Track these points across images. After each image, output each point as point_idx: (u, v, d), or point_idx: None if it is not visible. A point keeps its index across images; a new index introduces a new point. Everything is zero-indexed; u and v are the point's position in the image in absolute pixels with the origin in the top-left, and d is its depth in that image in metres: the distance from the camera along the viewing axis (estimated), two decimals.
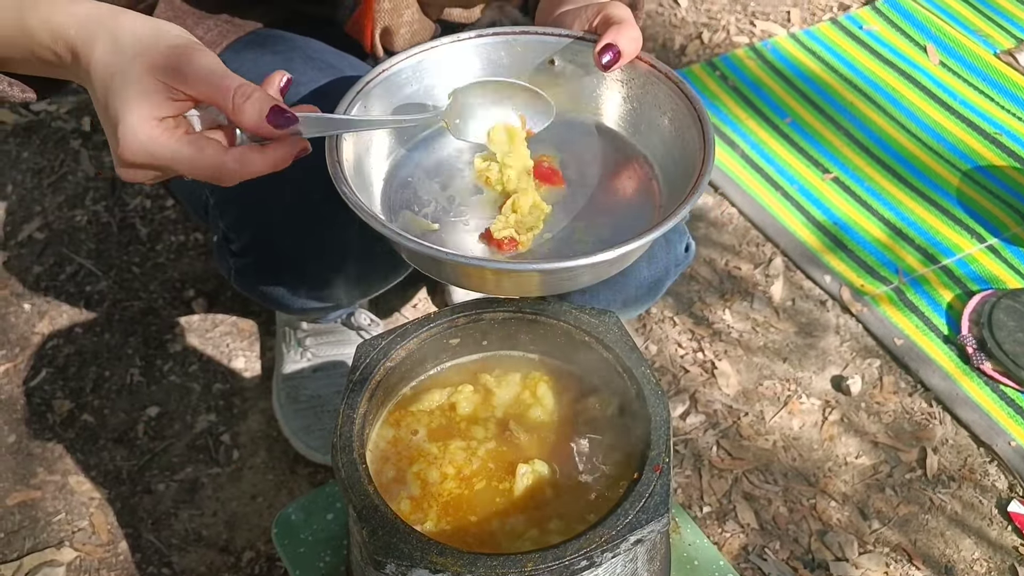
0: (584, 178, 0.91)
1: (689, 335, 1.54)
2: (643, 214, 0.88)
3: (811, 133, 1.87)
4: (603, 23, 0.89)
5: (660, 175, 0.91)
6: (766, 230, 1.69)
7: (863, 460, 1.39)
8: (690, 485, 1.36)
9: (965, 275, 1.61)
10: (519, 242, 0.84)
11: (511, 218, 0.84)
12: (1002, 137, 1.85)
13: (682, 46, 2.07)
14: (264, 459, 1.38)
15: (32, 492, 1.34)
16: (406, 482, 0.83)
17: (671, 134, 0.90)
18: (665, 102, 0.90)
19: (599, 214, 0.88)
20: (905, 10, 2.14)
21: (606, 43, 0.86)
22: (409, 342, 0.87)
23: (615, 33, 0.86)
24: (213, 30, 1.10)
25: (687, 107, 0.87)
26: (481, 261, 0.81)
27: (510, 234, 0.84)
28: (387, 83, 0.90)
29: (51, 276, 1.61)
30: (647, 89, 0.91)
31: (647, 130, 0.93)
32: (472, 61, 0.94)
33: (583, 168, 0.92)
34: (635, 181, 0.91)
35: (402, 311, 1.57)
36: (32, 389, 1.46)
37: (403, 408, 0.89)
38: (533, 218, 0.85)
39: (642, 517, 0.73)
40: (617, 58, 0.86)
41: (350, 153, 0.84)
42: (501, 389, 0.89)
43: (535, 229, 0.85)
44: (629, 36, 0.86)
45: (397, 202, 0.88)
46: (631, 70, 0.91)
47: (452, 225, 0.87)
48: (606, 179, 0.91)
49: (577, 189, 0.90)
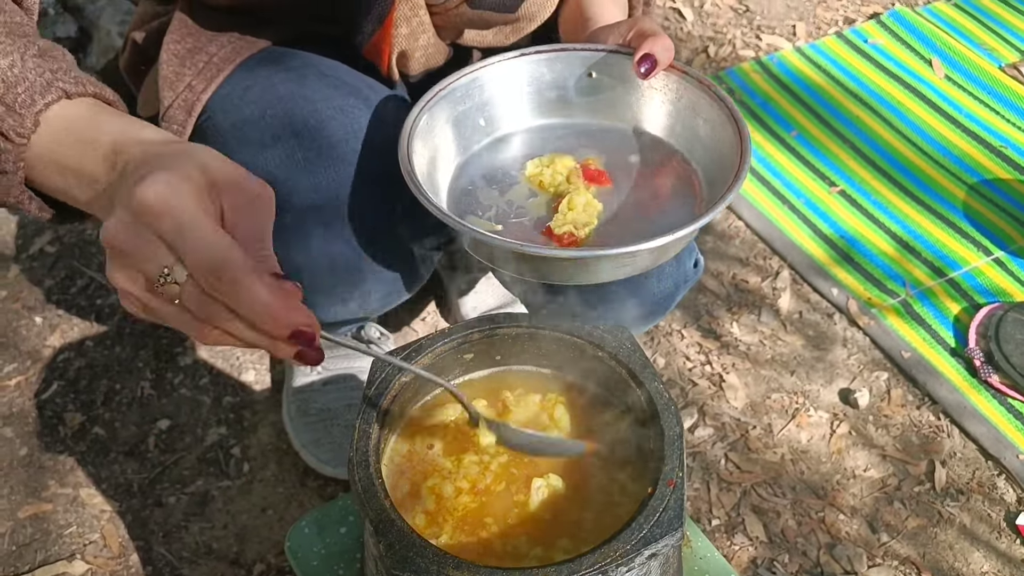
0: (629, 177, 1.00)
1: (697, 348, 1.54)
2: (686, 206, 0.96)
3: (817, 146, 1.88)
4: (637, 36, 0.97)
5: (699, 171, 1.00)
6: (773, 243, 1.70)
7: (872, 473, 1.39)
8: (699, 498, 1.36)
9: (972, 288, 1.62)
10: (578, 237, 0.92)
11: (568, 215, 0.92)
12: (1008, 150, 1.86)
13: (688, 60, 2.09)
14: (274, 472, 1.39)
15: (44, 505, 1.35)
16: (421, 496, 0.83)
17: (707, 133, 0.98)
18: (699, 104, 0.99)
19: (647, 208, 0.96)
20: (911, 24, 2.15)
21: (644, 53, 0.95)
22: (424, 357, 0.87)
23: (651, 44, 0.95)
24: (227, 46, 1.10)
25: (720, 108, 0.96)
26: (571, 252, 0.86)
27: (569, 229, 0.92)
28: (447, 99, 1.00)
29: (62, 289, 1.62)
30: (681, 94, 1.00)
31: (683, 131, 1.02)
32: (519, 77, 1.04)
33: (627, 169, 1.01)
34: (676, 177, 1.00)
35: (412, 325, 1.58)
36: (44, 402, 1.47)
37: (418, 423, 0.89)
38: (587, 215, 0.93)
39: (656, 531, 0.73)
40: (654, 67, 0.96)
41: (423, 169, 0.92)
42: (519, 408, 0.90)
43: (590, 224, 0.93)
44: (663, 46, 0.96)
45: (463, 208, 0.97)
46: (665, 77, 1.01)
47: (515, 225, 0.95)
48: (649, 177, 1.00)
49: (623, 187, 0.99)
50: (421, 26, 1.06)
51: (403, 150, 0.92)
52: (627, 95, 1.04)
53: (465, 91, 1.02)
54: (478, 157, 1.04)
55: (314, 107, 1.04)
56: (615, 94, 1.04)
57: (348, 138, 1.02)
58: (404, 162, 0.90)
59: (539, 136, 1.06)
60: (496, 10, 1.06)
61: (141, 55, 1.20)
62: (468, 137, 1.04)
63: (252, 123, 1.04)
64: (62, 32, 2.04)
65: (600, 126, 1.05)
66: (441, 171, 1.00)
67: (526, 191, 1.00)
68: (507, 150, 1.04)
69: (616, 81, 1.03)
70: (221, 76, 1.09)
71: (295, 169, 1.00)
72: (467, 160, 1.03)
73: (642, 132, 1.05)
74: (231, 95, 1.07)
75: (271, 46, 1.14)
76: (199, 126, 1.08)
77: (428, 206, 0.86)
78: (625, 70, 1.00)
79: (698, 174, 1.00)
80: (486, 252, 0.90)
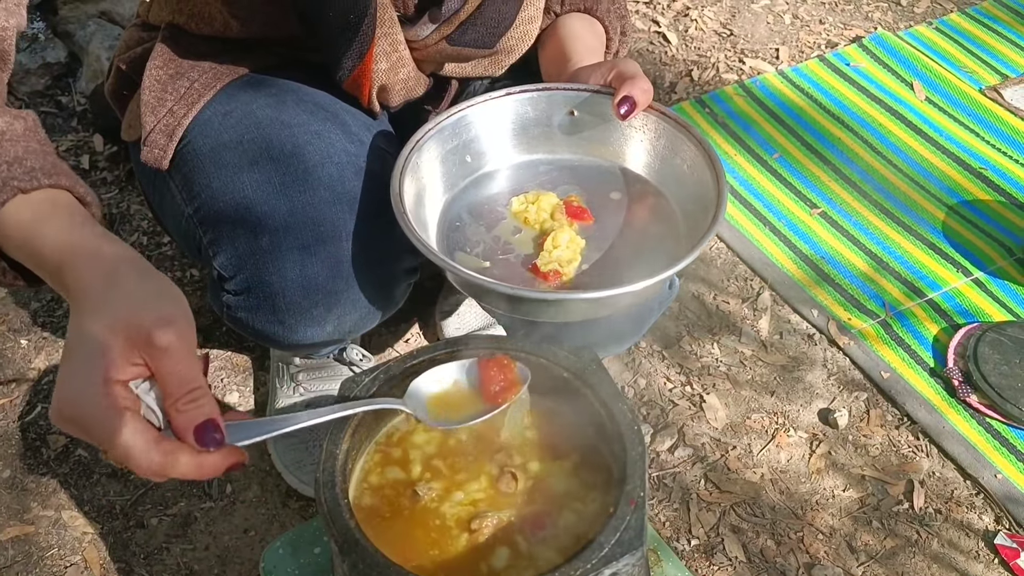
0: (610, 214, 1.02)
1: (677, 369, 1.56)
2: (666, 242, 0.99)
3: (799, 168, 1.90)
4: (617, 78, 1.00)
5: (678, 209, 1.02)
6: (754, 265, 1.71)
7: (850, 493, 1.40)
8: (678, 518, 1.37)
9: (951, 308, 1.63)
10: (563, 273, 0.95)
11: (553, 253, 0.95)
12: (987, 172, 1.88)
13: (672, 83, 2.11)
14: (256, 493, 1.39)
15: (26, 527, 1.35)
16: (390, 515, 0.84)
17: (685, 172, 1.01)
18: (677, 144, 1.02)
19: (628, 245, 0.99)
20: (892, 47, 2.18)
21: (623, 95, 0.97)
22: (392, 378, 0.88)
23: (630, 86, 0.98)
24: (208, 72, 1.12)
25: (697, 149, 0.99)
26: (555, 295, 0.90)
27: (555, 267, 0.95)
28: (435, 138, 1.02)
29: (48, 312, 1.64)
30: (660, 134, 1.03)
31: (662, 169, 1.04)
32: (504, 115, 1.07)
33: (608, 205, 1.03)
34: (655, 214, 1.03)
35: (395, 347, 1.59)
36: (27, 424, 1.48)
37: (388, 442, 0.90)
38: (571, 251, 0.96)
39: (617, 550, 0.74)
40: (633, 108, 0.98)
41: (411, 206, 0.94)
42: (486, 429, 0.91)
43: (574, 261, 0.96)
44: (642, 88, 0.98)
45: (451, 244, 1.00)
46: (644, 117, 1.03)
47: (501, 262, 0.98)
48: (630, 214, 1.03)
49: (605, 224, 1.01)
50: (400, 61, 1.08)
51: (395, 189, 0.94)
52: (608, 134, 1.06)
53: (452, 130, 1.04)
54: (464, 193, 1.06)
55: (291, 132, 1.06)
56: (596, 132, 1.07)
57: (324, 162, 1.04)
58: (396, 202, 0.92)
59: (523, 172, 1.08)
60: (475, 46, 1.09)
61: (125, 81, 1.22)
62: (455, 173, 1.06)
63: (231, 148, 1.06)
64: (52, 57, 2.06)
65: (582, 163, 1.08)
66: (428, 207, 1.02)
67: (512, 227, 1.02)
68: (493, 186, 1.07)
69: (597, 120, 1.05)
70: (202, 101, 1.11)
71: (272, 192, 1.02)
72: (454, 196, 1.05)
73: (623, 170, 1.07)
74: (211, 120, 1.09)
75: (253, 73, 1.16)
76: (179, 150, 1.10)
77: (420, 247, 0.88)
78: (606, 110, 1.02)
79: (677, 212, 1.02)
80: (475, 292, 0.92)
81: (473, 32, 1.07)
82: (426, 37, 1.06)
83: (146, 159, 1.10)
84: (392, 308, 1.14)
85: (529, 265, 0.97)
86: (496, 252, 0.99)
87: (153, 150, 1.10)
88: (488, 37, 1.08)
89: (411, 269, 1.12)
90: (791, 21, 2.31)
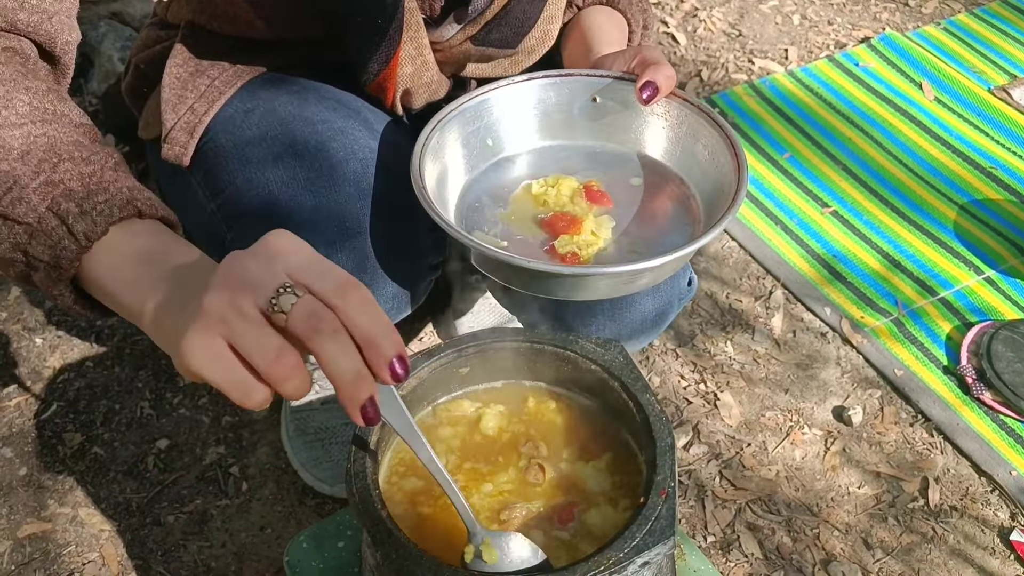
0: (630, 199, 1.03)
1: (691, 367, 1.56)
2: (684, 227, 0.99)
3: (809, 168, 1.90)
4: (640, 64, 1.01)
5: (697, 194, 1.03)
6: (766, 263, 1.72)
7: (865, 490, 1.40)
8: (694, 515, 1.37)
9: (963, 307, 1.64)
10: (580, 256, 0.94)
11: (574, 238, 0.95)
12: (997, 171, 1.88)
13: (682, 83, 2.12)
14: (273, 491, 1.40)
15: (43, 524, 1.36)
16: (419, 506, 0.84)
17: (706, 158, 1.02)
18: (699, 130, 1.02)
19: (646, 228, 1.00)
20: (900, 48, 2.18)
21: (646, 80, 0.99)
22: (420, 371, 0.89)
23: (653, 72, 0.99)
24: (228, 70, 1.13)
25: (719, 134, 0.99)
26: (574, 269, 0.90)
27: (572, 250, 0.95)
28: (457, 120, 1.04)
29: (62, 311, 1.64)
30: (681, 120, 1.04)
31: (683, 155, 1.05)
32: (526, 100, 1.08)
33: (628, 190, 1.04)
34: (675, 200, 1.03)
35: (409, 345, 1.59)
36: (43, 422, 1.48)
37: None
38: (595, 237, 0.96)
39: (648, 540, 0.74)
40: (655, 93, 0.99)
41: (432, 185, 0.95)
42: (511, 422, 0.91)
43: (593, 245, 0.96)
44: (665, 74, 0.99)
45: (470, 224, 1.01)
46: (667, 104, 1.04)
47: (519, 243, 0.98)
48: (649, 199, 1.03)
49: (624, 208, 1.02)
50: (425, 64, 1.08)
51: (415, 167, 0.95)
52: (629, 120, 1.07)
53: (475, 112, 1.05)
54: (485, 176, 1.07)
55: (315, 128, 1.06)
56: (618, 118, 1.07)
57: (348, 159, 1.04)
58: (416, 179, 0.93)
59: (544, 157, 1.09)
60: (499, 46, 1.10)
61: (143, 79, 1.22)
62: (476, 156, 1.07)
63: (254, 144, 1.06)
64: None
65: (603, 148, 1.09)
66: (449, 188, 1.03)
67: (531, 209, 1.03)
68: (513, 170, 1.08)
69: (619, 106, 1.06)
70: (223, 99, 1.11)
71: (297, 189, 1.02)
72: (474, 178, 1.06)
73: (643, 156, 1.08)
74: (233, 117, 1.09)
75: (272, 71, 1.16)
76: (200, 148, 1.10)
77: (437, 220, 0.89)
78: (628, 96, 1.03)
79: (696, 197, 1.03)
80: (492, 267, 0.93)
81: (498, 32, 1.07)
82: (451, 38, 1.07)
83: (167, 156, 1.11)
84: (414, 304, 1.15)
85: (547, 247, 0.97)
86: (514, 234, 1.00)
87: (174, 147, 1.10)
88: (512, 37, 1.09)
89: (434, 266, 1.12)
90: (800, 22, 2.32)
